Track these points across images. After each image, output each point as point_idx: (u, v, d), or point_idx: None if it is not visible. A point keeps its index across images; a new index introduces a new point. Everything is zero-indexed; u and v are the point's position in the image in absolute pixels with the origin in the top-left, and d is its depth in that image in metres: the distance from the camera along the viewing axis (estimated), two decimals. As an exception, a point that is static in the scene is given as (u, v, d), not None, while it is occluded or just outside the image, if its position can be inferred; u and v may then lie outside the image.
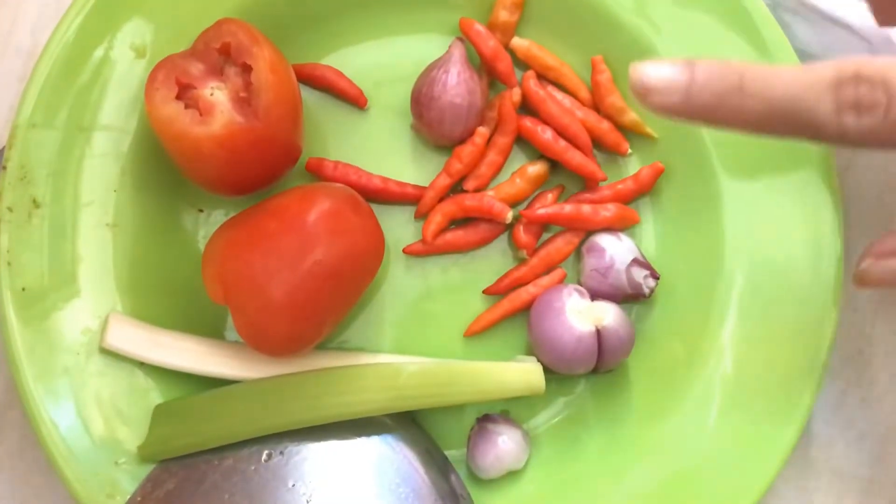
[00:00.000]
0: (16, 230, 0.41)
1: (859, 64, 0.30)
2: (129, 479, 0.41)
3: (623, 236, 0.44)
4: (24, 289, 0.41)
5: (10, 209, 0.41)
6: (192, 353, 0.42)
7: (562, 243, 0.45)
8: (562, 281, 0.45)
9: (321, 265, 0.39)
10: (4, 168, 0.41)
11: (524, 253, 0.45)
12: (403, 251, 0.45)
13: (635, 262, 0.44)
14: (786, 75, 0.31)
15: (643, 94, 0.31)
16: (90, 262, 0.42)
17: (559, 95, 0.46)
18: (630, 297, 0.44)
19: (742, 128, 0.32)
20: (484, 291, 0.45)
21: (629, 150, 0.46)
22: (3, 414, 0.46)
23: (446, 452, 0.44)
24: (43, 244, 0.41)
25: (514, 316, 0.45)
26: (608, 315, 0.42)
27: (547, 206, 0.45)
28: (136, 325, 0.42)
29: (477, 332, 0.45)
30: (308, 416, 0.41)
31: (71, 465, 0.40)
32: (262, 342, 0.40)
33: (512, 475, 0.44)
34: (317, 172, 0.45)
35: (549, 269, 0.45)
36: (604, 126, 0.45)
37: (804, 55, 0.43)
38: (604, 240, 0.44)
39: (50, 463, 0.40)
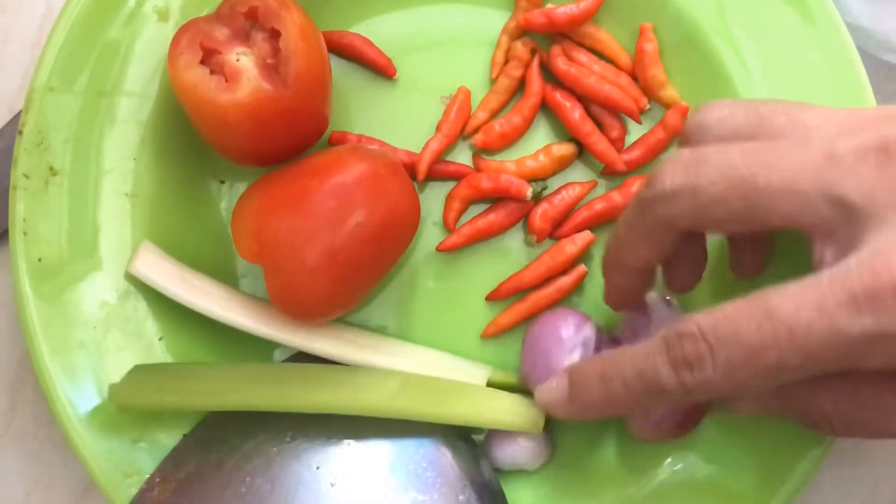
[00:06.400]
0: (32, 198, 0.39)
1: (679, 323, 0.31)
2: (147, 459, 0.39)
3: (674, 303, 0.41)
4: (40, 259, 0.39)
5: (25, 176, 0.39)
6: (217, 297, 0.41)
7: (569, 245, 0.43)
8: (582, 278, 0.43)
9: (362, 228, 0.37)
10: (20, 133, 0.39)
11: (534, 239, 0.43)
12: (437, 249, 0.43)
13: None
14: (628, 353, 0.33)
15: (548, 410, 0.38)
16: (108, 233, 0.41)
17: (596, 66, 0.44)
18: None
19: (622, 412, 0.36)
20: (487, 297, 0.44)
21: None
22: (17, 389, 0.45)
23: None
24: (60, 213, 0.40)
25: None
26: None
27: (576, 219, 0.43)
28: (167, 259, 0.41)
29: (493, 335, 0.44)
30: (298, 402, 0.39)
31: (87, 443, 0.39)
32: (294, 305, 0.39)
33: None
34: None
35: (563, 270, 0.43)
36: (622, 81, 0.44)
37: (855, 29, 0.42)
38: (650, 298, 0.41)
39: (66, 440, 0.39)
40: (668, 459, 0.41)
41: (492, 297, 0.44)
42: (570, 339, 0.39)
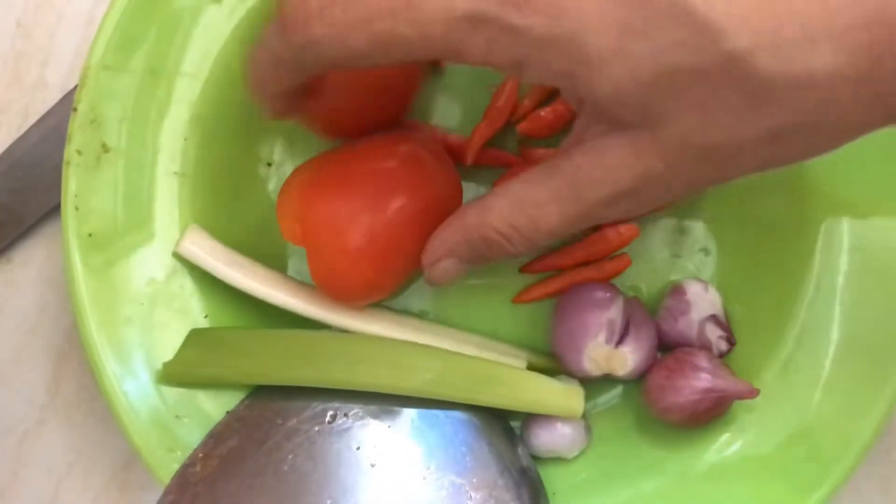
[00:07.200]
0: (84, 174, 0.40)
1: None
2: (190, 434, 0.40)
3: (711, 289, 0.42)
4: (90, 234, 0.40)
5: (78, 152, 0.40)
6: (264, 278, 0.41)
7: (613, 234, 0.43)
8: (626, 267, 0.43)
9: (404, 212, 0.38)
10: (75, 110, 0.40)
11: None
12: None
13: (713, 318, 0.42)
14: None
15: None
16: (157, 211, 0.41)
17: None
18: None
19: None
20: (521, 269, 0.44)
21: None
22: (62, 362, 0.45)
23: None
24: (112, 190, 0.40)
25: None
26: (624, 367, 0.41)
27: None
28: (214, 241, 0.41)
29: (525, 302, 0.44)
30: (340, 378, 0.39)
31: (131, 417, 0.39)
32: (336, 287, 0.39)
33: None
34: (389, 131, 0.44)
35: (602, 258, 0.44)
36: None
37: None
38: (690, 284, 0.42)
39: (111, 414, 0.39)
40: (713, 446, 0.41)
41: (526, 270, 0.44)
42: (597, 315, 0.40)
